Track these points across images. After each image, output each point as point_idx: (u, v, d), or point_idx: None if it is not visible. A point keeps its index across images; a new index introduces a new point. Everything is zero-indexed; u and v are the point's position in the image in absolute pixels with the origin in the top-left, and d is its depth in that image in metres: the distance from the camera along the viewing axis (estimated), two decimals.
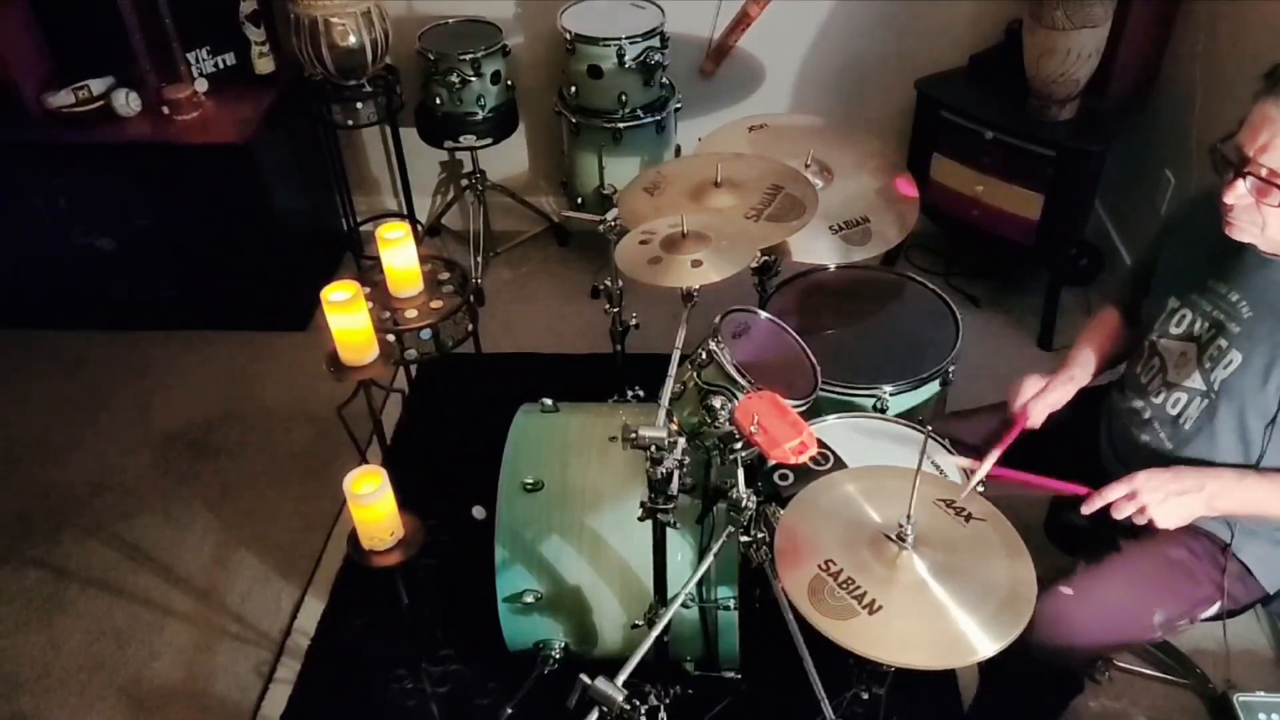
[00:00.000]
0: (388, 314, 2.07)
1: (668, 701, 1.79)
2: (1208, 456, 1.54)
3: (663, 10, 2.85)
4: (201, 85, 2.83)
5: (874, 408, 1.96)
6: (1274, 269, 1.46)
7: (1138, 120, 2.84)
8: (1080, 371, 1.73)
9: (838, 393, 1.96)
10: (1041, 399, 1.67)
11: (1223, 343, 1.50)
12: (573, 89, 2.90)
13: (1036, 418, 1.67)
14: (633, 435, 1.39)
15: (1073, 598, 1.54)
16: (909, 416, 1.96)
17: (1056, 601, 1.52)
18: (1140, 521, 1.46)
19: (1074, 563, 1.62)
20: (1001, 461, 1.58)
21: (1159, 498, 1.45)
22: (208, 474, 2.63)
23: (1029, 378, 1.71)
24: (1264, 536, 1.57)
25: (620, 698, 1.25)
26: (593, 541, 1.84)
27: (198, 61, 2.86)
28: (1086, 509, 1.49)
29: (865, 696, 1.60)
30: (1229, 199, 1.39)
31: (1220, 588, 1.57)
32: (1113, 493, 1.47)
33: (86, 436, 2.75)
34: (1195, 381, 1.54)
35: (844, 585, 1.24)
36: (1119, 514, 1.47)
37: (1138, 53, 2.70)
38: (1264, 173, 1.34)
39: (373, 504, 1.61)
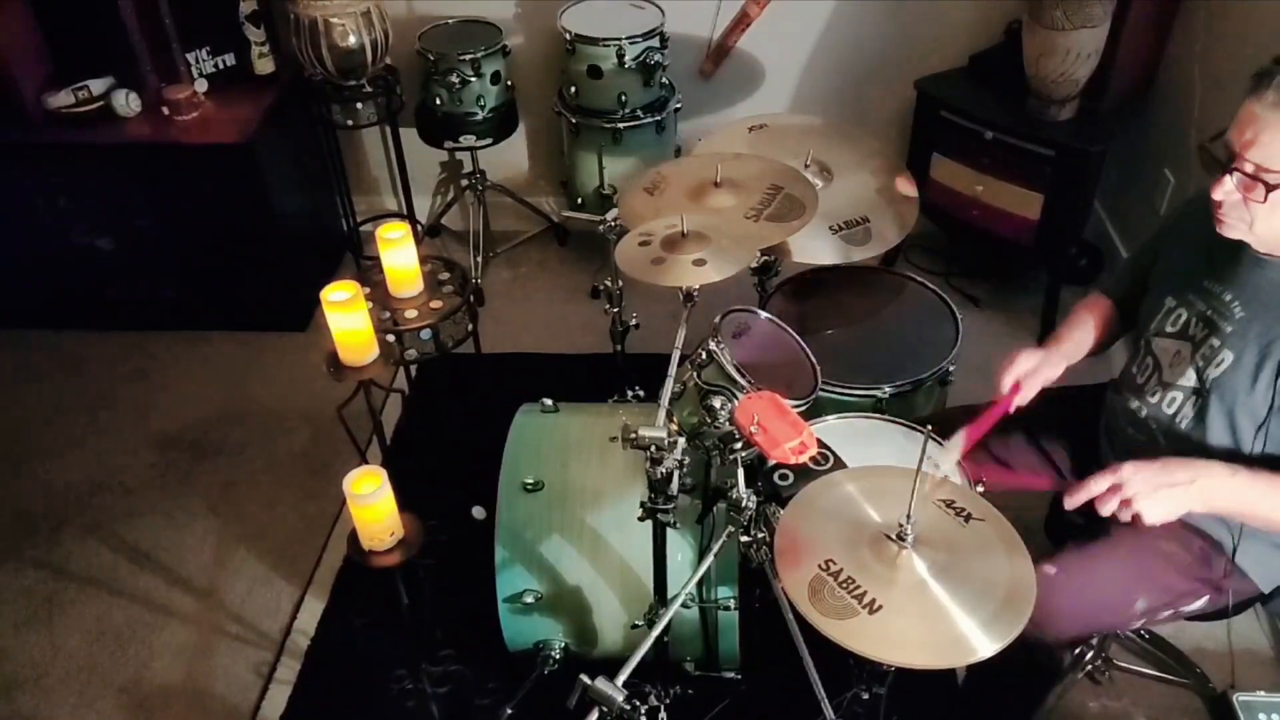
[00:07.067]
0: (388, 314, 2.07)
1: (668, 702, 1.80)
2: (1201, 457, 1.52)
3: (662, 10, 2.85)
4: (201, 85, 2.83)
5: (874, 408, 1.96)
6: (1268, 269, 1.46)
7: (1137, 120, 2.84)
8: (1072, 348, 1.72)
9: (838, 393, 1.96)
10: (1036, 376, 1.65)
11: (1215, 341, 1.50)
12: (573, 89, 2.90)
13: (1027, 394, 1.66)
14: (633, 435, 1.39)
15: (1055, 576, 1.53)
16: (908, 417, 1.96)
17: (1039, 579, 1.51)
18: (1124, 517, 1.40)
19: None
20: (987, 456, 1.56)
21: (1146, 490, 1.37)
22: (208, 474, 2.63)
23: (1024, 351, 1.68)
24: (1264, 539, 1.56)
25: (620, 698, 1.25)
26: (593, 541, 1.84)
27: (198, 62, 2.86)
28: (1069, 502, 1.43)
29: (865, 696, 1.60)
30: (1217, 195, 1.39)
31: (1207, 584, 1.56)
32: (1096, 485, 1.40)
33: (86, 436, 2.75)
34: (1188, 380, 1.54)
35: (844, 585, 1.24)
36: (1104, 509, 1.40)
37: (1137, 53, 2.70)
38: (1250, 169, 1.34)
39: (373, 504, 1.61)
